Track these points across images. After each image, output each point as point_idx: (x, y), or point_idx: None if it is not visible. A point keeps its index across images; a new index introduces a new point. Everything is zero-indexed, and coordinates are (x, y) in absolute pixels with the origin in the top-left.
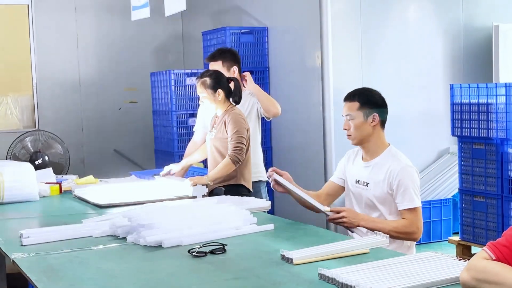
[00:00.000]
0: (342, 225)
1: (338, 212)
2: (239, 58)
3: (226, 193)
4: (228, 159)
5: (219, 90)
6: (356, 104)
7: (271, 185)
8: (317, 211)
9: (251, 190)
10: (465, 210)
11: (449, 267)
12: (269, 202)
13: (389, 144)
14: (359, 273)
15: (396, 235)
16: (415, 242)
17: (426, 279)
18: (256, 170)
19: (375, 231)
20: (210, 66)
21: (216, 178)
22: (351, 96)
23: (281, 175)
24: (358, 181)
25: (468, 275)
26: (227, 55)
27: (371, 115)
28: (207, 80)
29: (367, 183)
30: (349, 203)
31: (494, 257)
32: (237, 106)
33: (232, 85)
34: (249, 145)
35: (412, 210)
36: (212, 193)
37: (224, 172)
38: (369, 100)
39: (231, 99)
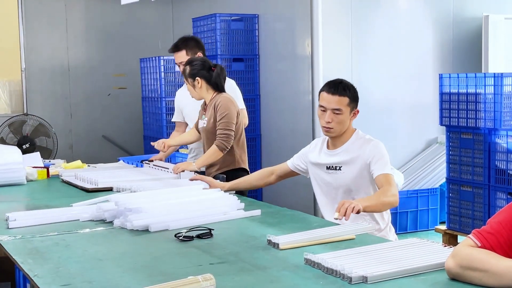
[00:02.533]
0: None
1: (344, 214)
2: (202, 44)
3: (227, 179)
4: (214, 147)
5: (198, 78)
6: (346, 100)
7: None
8: None
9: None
10: (452, 200)
11: (435, 253)
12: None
13: (355, 129)
14: (345, 258)
15: (388, 204)
16: (392, 228)
17: (412, 265)
18: None
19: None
20: (175, 56)
21: (204, 165)
22: (342, 90)
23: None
24: (329, 167)
25: (453, 262)
26: (190, 42)
27: (354, 110)
28: (187, 68)
29: (339, 167)
30: (319, 191)
31: (479, 244)
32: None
33: (214, 72)
34: (242, 128)
35: (388, 175)
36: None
37: (211, 159)
38: (355, 95)
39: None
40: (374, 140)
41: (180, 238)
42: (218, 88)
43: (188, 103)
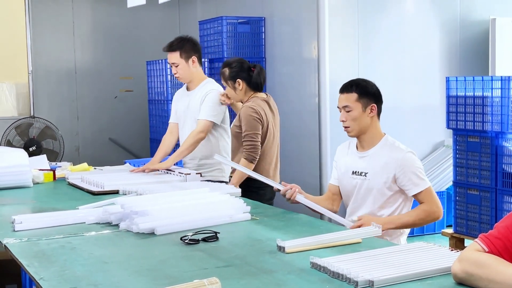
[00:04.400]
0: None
1: (358, 226)
2: (199, 47)
3: (248, 188)
4: (244, 160)
5: (239, 80)
6: (354, 95)
7: (288, 200)
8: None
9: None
10: (459, 203)
11: (441, 257)
12: (239, 189)
13: (385, 134)
14: (351, 262)
15: (422, 222)
16: (407, 231)
17: (418, 269)
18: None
19: (400, 228)
20: (168, 56)
21: (240, 181)
22: (348, 87)
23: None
24: (355, 172)
25: (460, 267)
26: (186, 45)
27: (369, 106)
28: (226, 71)
29: (366, 173)
30: (345, 196)
31: (487, 249)
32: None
33: (254, 72)
34: (266, 136)
35: (425, 191)
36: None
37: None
38: (367, 91)
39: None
40: (405, 151)
41: (186, 241)
42: (259, 88)
43: (182, 105)
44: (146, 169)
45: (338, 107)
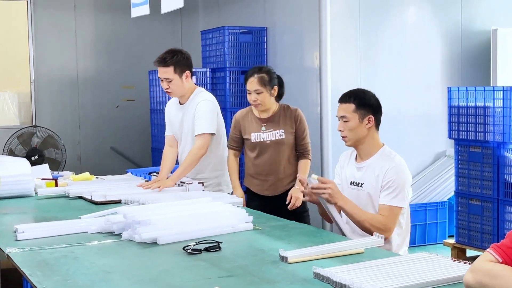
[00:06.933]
0: (322, 197)
1: (324, 183)
2: (191, 60)
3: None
4: (307, 161)
5: (275, 87)
6: (351, 106)
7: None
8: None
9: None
10: (460, 213)
11: (443, 268)
12: (241, 199)
13: (383, 145)
14: (354, 272)
15: (368, 227)
16: (407, 243)
17: (420, 279)
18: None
19: (348, 215)
20: (160, 70)
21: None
22: (346, 98)
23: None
24: (353, 182)
25: (472, 278)
26: (180, 60)
27: (366, 117)
28: (265, 76)
29: (362, 184)
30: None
31: (500, 260)
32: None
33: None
34: None
35: (391, 208)
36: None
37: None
38: (364, 102)
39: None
40: (397, 164)
41: (189, 251)
42: (280, 97)
43: (177, 120)
44: (159, 188)
45: (336, 116)
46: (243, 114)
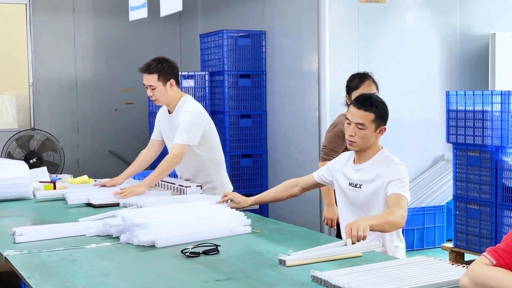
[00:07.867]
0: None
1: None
2: (177, 69)
3: None
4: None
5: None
6: (371, 115)
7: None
8: None
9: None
10: (459, 217)
11: (441, 272)
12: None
13: (382, 147)
14: (352, 275)
15: (391, 226)
16: (403, 246)
17: (419, 283)
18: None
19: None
20: (145, 77)
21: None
22: (368, 106)
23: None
24: (351, 183)
25: (467, 280)
26: (164, 67)
27: (380, 127)
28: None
29: (360, 185)
30: (342, 204)
31: (494, 262)
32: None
33: None
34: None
35: (399, 196)
36: None
37: None
38: (383, 113)
39: None
40: (397, 163)
41: (187, 254)
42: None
43: (166, 129)
44: (130, 193)
45: (348, 118)
46: None
